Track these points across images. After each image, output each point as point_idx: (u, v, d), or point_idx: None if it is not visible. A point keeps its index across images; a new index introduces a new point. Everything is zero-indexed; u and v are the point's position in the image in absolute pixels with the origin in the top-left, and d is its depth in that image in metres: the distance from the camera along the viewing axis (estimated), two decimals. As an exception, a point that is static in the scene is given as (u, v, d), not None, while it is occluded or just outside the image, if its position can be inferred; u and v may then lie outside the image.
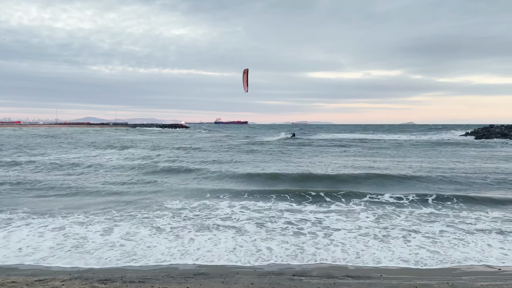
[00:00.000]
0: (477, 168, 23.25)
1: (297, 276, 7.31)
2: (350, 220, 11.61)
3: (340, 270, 7.83)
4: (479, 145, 45.66)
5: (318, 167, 23.60)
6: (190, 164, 25.42)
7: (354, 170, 21.68)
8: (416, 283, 6.77)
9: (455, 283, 6.75)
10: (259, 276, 7.27)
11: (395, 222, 11.34)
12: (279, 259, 8.42)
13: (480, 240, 9.73)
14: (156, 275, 7.33)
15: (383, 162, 26.49)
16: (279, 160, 27.73)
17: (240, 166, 24.24)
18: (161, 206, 13.25)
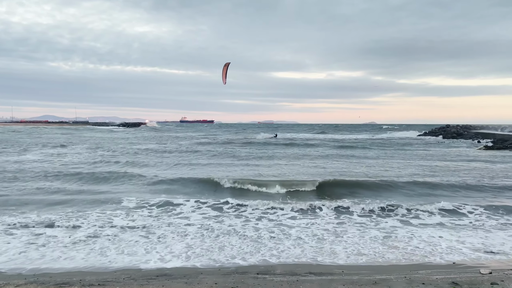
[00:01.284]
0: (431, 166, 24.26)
1: (261, 274, 7.35)
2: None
3: (303, 267, 7.95)
4: (442, 144, 47.68)
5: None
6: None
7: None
8: (376, 278, 6.97)
9: (412, 277, 7.00)
10: (223, 275, 7.25)
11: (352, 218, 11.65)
12: (241, 259, 8.46)
13: (435, 235, 10.17)
14: (117, 278, 7.15)
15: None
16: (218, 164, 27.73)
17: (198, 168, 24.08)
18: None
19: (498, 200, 14.49)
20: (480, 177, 19.47)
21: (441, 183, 17.42)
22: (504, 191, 16.09)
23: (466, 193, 15.90)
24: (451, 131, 73.51)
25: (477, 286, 6.37)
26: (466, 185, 17.17)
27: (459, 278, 6.90)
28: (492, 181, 18.11)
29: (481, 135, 58.01)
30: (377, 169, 22.79)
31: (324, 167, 23.42)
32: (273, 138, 65.41)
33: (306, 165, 24.42)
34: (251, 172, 20.82)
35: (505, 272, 7.38)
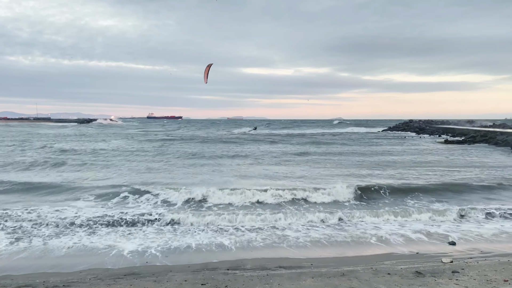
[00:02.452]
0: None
1: (231, 270, 7.35)
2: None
3: (274, 261, 8.01)
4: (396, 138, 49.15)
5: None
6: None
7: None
8: (343, 270, 7.13)
9: (378, 268, 7.21)
10: (192, 272, 7.20)
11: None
12: (210, 254, 8.45)
13: (394, 226, 10.50)
14: (82, 278, 6.95)
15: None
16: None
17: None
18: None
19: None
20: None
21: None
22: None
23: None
24: (414, 126, 75.95)
25: (439, 274, 6.63)
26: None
27: (422, 268, 7.16)
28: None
29: (442, 130, 60.27)
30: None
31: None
32: (253, 131, 67.50)
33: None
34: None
35: (465, 261, 7.72)
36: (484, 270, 6.83)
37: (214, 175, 18.50)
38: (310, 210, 12.17)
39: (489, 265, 7.27)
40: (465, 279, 6.29)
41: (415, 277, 6.51)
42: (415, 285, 6.04)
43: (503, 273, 6.66)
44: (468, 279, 6.32)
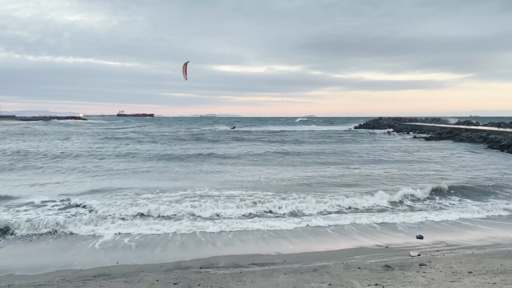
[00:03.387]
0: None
1: (204, 269, 7.31)
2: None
3: (247, 258, 8.02)
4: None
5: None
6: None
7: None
8: (316, 265, 7.22)
9: (349, 263, 7.35)
10: (165, 272, 7.11)
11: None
12: (183, 253, 8.38)
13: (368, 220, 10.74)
14: (50, 280, 6.75)
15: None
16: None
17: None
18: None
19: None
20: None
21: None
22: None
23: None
24: (383, 123, 77.76)
25: (407, 267, 6.83)
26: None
27: (391, 261, 7.35)
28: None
29: (410, 127, 61.97)
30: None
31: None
32: (232, 129, 68.35)
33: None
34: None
35: (432, 254, 7.98)
36: (449, 263, 7.08)
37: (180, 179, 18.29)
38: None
39: (455, 257, 7.55)
40: (432, 272, 6.50)
41: (384, 271, 6.67)
42: (384, 279, 6.18)
43: (468, 265, 6.93)
44: (434, 271, 6.53)
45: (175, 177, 17.89)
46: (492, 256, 7.51)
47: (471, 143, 35.51)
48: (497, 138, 32.94)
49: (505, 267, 6.62)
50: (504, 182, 16.21)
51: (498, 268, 6.57)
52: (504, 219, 11.18)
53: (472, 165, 21.75)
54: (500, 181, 16.55)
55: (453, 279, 5.98)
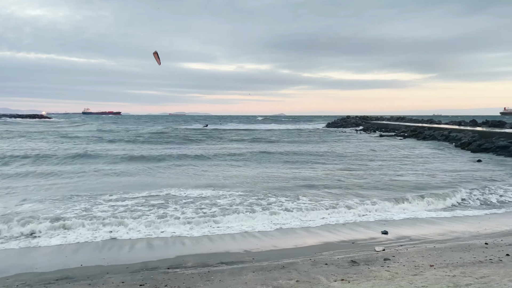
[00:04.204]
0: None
1: (171, 269, 7.21)
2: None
3: (216, 257, 7.97)
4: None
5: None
6: None
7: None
8: (284, 262, 7.28)
9: (317, 259, 7.45)
10: (131, 273, 6.96)
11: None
12: (151, 253, 8.24)
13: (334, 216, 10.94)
14: (9, 285, 6.47)
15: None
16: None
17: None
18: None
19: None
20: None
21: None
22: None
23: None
24: (351, 121, 79.36)
25: (372, 262, 6.99)
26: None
27: (357, 257, 7.50)
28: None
29: (376, 125, 63.56)
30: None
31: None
32: (205, 127, 68.60)
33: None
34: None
35: (396, 249, 8.21)
36: (412, 257, 7.30)
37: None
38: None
39: (417, 251, 7.80)
40: (396, 266, 6.69)
41: (350, 266, 6.81)
42: (350, 274, 6.31)
43: (429, 258, 7.17)
44: (398, 265, 6.72)
45: (137, 180, 17.58)
46: (452, 249, 7.82)
47: (433, 141, 36.85)
48: (457, 136, 34.32)
49: (464, 260, 6.90)
50: (462, 178, 16.93)
51: (457, 261, 6.84)
52: (464, 214, 11.64)
53: (432, 161, 22.58)
54: (455, 178, 17.27)
55: (415, 272, 6.17)
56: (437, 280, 5.59)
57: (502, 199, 13.18)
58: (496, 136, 29.21)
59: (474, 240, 8.73)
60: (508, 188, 14.84)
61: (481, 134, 31.86)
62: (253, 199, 12.88)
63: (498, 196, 13.57)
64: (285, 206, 12.00)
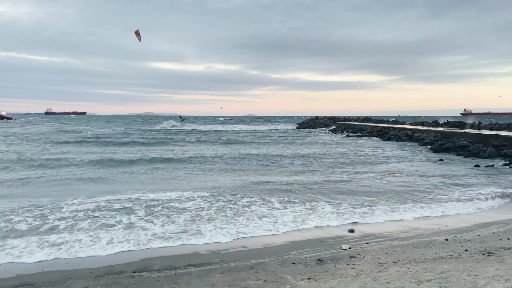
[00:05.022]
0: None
1: (137, 272, 7.06)
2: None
3: (183, 259, 7.87)
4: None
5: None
6: None
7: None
8: (252, 263, 7.28)
9: (285, 258, 7.50)
10: (94, 278, 6.77)
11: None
12: (116, 257, 8.02)
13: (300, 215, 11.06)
14: (-38, 295, 6.14)
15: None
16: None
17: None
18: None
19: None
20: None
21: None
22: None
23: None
24: (319, 122, 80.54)
25: (339, 260, 7.12)
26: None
27: (324, 255, 7.61)
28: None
29: (344, 126, 64.82)
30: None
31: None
32: (180, 122, 67.91)
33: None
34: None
35: (361, 246, 8.38)
36: (377, 254, 7.48)
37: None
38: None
39: (382, 249, 8.00)
40: (361, 263, 6.83)
41: (317, 265, 6.89)
42: (316, 272, 6.39)
43: (393, 255, 7.37)
44: (363, 263, 6.87)
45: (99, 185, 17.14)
46: (415, 246, 8.07)
47: (398, 141, 37.94)
48: (421, 136, 35.50)
49: (426, 256, 7.13)
50: (423, 177, 17.53)
51: (419, 257, 7.06)
52: (427, 211, 12.03)
53: (395, 161, 23.25)
54: (417, 177, 17.86)
55: (380, 269, 6.32)
56: (400, 276, 5.74)
57: (460, 197, 13.70)
58: (457, 136, 30.40)
59: (436, 236, 9.05)
60: (466, 186, 15.47)
61: (443, 134, 33.07)
62: (222, 202, 12.82)
63: (458, 194, 14.11)
64: (254, 208, 12.01)
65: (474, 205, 12.53)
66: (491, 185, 15.67)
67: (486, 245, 7.70)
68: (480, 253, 7.03)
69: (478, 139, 27.62)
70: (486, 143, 26.04)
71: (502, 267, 5.81)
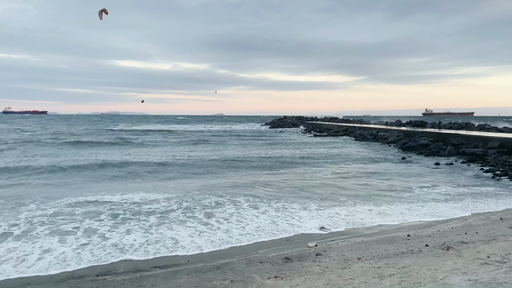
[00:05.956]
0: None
1: (101, 276, 6.87)
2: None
3: (149, 262, 7.72)
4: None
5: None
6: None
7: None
8: (219, 263, 7.25)
9: (252, 257, 7.51)
10: (55, 283, 6.53)
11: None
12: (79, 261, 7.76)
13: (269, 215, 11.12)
14: None
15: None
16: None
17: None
18: None
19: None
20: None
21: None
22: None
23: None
24: (288, 122, 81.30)
25: (305, 258, 7.20)
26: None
27: (291, 253, 7.68)
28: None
29: (312, 125, 65.75)
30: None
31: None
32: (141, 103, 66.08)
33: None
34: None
35: (327, 244, 8.52)
36: (342, 251, 7.63)
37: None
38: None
39: (347, 245, 8.16)
40: (326, 260, 6.95)
41: (284, 263, 6.95)
42: (283, 270, 6.44)
43: (358, 252, 7.54)
44: (329, 260, 6.98)
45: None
46: (378, 242, 8.28)
47: (363, 140, 38.88)
48: (385, 135, 36.53)
49: (388, 252, 7.33)
50: (388, 174, 18.05)
51: (382, 253, 7.26)
52: (391, 208, 12.39)
53: (360, 160, 23.82)
54: (381, 176, 18.38)
55: (344, 266, 6.45)
56: (364, 272, 5.88)
57: (420, 196, 14.19)
58: (419, 135, 31.48)
59: (398, 232, 9.32)
60: (426, 184, 16.06)
61: (405, 133, 34.17)
62: (188, 203, 12.70)
63: (418, 192, 14.61)
64: (222, 208, 11.97)
65: (434, 202, 13.01)
66: (450, 182, 16.33)
67: (445, 240, 8.02)
68: (440, 248, 7.30)
69: (439, 138, 28.72)
70: (446, 141, 27.12)
71: (459, 260, 6.07)
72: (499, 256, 6.11)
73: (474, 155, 22.58)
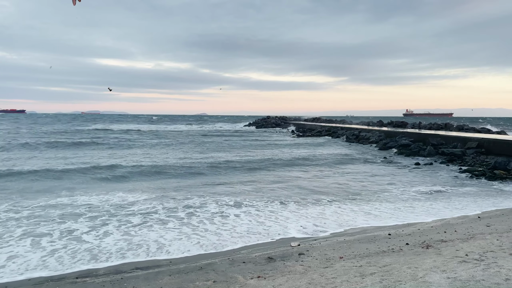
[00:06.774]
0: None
1: (80, 278, 6.74)
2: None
3: (130, 263, 7.62)
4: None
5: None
6: None
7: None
8: (202, 264, 7.20)
9: (235, 258, 7.49)
10: (33, 285, 6.38)
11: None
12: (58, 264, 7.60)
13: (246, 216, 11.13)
14: None
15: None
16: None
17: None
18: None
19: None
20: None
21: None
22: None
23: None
24: (271, 122, 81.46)
25: (288, 258, 7.22)
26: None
27: (274, 253, 7.69)
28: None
29: (295, 126, 66.07)
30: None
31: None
32: (109, 91, 64.93)
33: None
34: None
35: (310, 243, 8.56)
36: (324, 250, 7.68)
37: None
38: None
39: (329, 245, 8.21)
40: (309, 260, 6.98)
41: (267, 263, 6.95)
42: (266, 270, 6.44)
43: (340, 251, 7.60)
44: (311, 259, 7.01)
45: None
46: (360, 241, 8.36)
47: (345, 141, 39.27)
48: (366, 135, 36.97)
49: (369, 251, 7.41)
50: (368, 174, 18.27)
51: (364, 252, 7.33)
52: (372, 208, 12.54)
53: (343, 161, 24.07)
54: (361, 175, 18.59)
55: (327, 265, 6.49)
56: (346, 271, 5.93)
57: (401, 195, 14.42)
58: (399, 135, 31.98)
59: (379, 231, 9.43)
60: (406, 184, 16.33)
61: (387, 133, 34.66)
62: (170, 204, 12.60)
63: (397, 192, 14.84)
64: (206, 209, 11.91)
65: (413, 201, 13.23)
66: (429, 182, 16.64)
67: (425, 239, 8.15)
68: (420, 246, 7.42)
69: (419, 138, 29.22)
70: (426, 142, 27.61)
71: (439, 259, 6.17)
72: (477, 254, 6.24)
73: (453, 155, 23.06)
